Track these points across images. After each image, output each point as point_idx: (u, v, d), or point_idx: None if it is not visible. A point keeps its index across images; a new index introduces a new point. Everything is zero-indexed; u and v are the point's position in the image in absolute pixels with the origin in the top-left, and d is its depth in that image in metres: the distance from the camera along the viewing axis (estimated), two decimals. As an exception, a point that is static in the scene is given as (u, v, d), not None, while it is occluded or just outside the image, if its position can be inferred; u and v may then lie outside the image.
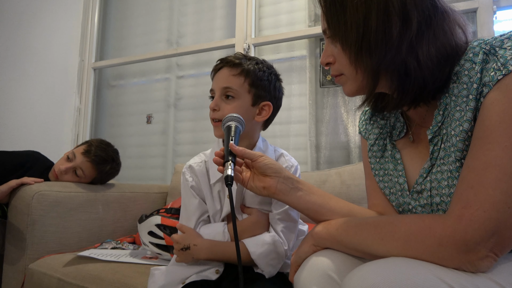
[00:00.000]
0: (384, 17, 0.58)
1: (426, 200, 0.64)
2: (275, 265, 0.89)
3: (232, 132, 0.78)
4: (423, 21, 0.58)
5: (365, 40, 0.60)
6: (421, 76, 0.59)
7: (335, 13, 0.63)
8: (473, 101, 0.55)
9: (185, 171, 1.01)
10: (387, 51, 0.59)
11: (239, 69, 0.93)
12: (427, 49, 0.58)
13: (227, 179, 0.69)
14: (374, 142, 0.79)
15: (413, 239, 0.52)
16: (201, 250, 0.89)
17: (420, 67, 0.58)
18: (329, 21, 0.65)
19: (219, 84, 0.94)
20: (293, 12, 1.98)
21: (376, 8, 0.58)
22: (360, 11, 0.59)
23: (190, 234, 0.92)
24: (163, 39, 2.37)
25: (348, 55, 0.63)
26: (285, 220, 0.91)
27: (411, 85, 0.61)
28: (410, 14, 0.58)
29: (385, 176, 0.76)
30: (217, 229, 0.93)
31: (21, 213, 1.29)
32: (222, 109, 0.92)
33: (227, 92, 0.93)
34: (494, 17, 1.51)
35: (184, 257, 0.91)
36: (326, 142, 1.82)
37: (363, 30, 0.60)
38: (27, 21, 2.16)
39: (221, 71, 0.95)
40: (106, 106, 2.55)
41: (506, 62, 0.52)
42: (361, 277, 0.49)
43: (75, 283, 1.11)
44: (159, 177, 2.27)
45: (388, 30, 0.58)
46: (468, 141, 0.55)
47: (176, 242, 0.92)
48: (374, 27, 0.59)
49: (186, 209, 0.98)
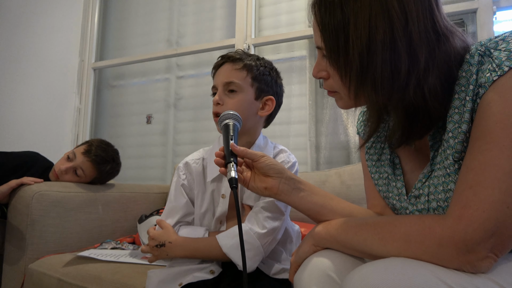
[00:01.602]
0: (390, 53, 0.54)
1: (423, 205, 0.64)
2: (251, 257, 0.84)
3: (230, 131, 0.76)
4: (429, 57, 0.55)
5: (370, 76, 0.56)
6: (428, 110, 0.58)
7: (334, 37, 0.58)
8: (470, 102, 0.55)
9: (180, 167, 1.00)
10: (394, 90, 0.56)
11: (241, 63, 0.93)
12: (433, 83, 0.56)
13: (232, 182, 0.66)
14: (371, 145, 0.79)
15: (412, 240, 0.52)
16: (175, 248, 0.88)
17: (427, 102, 0.57)
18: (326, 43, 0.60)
19: (222, 79, 0.93)
20: (293, 12, 1.98)
21: (382, 40, 0.54)
22: (363, 41, 0.55)
23: (167, 231, 0.91)
24: (163, 39, 2.37)
25: (347, 87, 0.60)
26: (269, 211, 0.87)
27: (418, 119, 0.60)
28: (417, 50, 0.54)
29: (379, 180, 0.76)
30: (198, 232, 0.92)
31: (21, 213, 1.29)
32: (225, 104, 0.91)
33: (230, 87, 0.92)
34: (494, 18, 1.51)
35: (158, 254, 0.89)
36: (326, 142, 1.83)
37: (367, 64, 0.56)
38: (27, 21, 2.16)
39: (223, 67, 0.95)
40: (106, 106, 2.55)
41: (501, 63, 0.52)
42: (361, 277, 0.49)
43: (74, 283, 1.11)
44: (159, 177, 2.27)
45: (396, 68, 0.55)
46: (467, 142, 0.55)
47: (152, 238, 0.90)
48: (380, 62, 0.55)
49: (171, 205, 0.97)
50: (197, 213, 0.97)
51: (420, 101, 0.57)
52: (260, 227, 0.86)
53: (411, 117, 0.61)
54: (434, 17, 0.56)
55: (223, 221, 0.96)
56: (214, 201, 0.96)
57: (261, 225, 0.86)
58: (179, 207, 0.96)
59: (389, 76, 0.55)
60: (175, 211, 0.96)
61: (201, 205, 0.96)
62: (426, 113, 0.59)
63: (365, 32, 0.55)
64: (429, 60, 0.55)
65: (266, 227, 0.85)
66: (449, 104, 0.59)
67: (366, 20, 0.55)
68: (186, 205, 0.96)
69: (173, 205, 0.97)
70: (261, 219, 0.87)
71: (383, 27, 0.54)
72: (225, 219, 0.96)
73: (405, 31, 0.54)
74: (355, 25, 0.56)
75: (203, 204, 0.95)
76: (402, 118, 0.62)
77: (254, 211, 0.89)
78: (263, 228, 0.85)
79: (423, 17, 0.55)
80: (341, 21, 0.57)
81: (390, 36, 0.54)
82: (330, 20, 0.58)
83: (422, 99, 0.57)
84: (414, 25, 0.54)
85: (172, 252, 0.88)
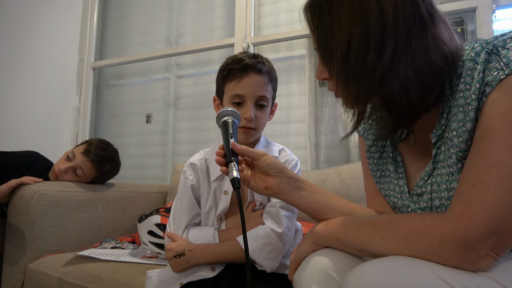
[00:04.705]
0: (363, 47, 0.57)
1: (426, 203, 0.64)
2: (274, 257, 0.86)
3: (230, 129, 0.75)
4: (400, 46, 0.56)
5: (345, 70, 0.59)
6: (405, 99, 0.58)
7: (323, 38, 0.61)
8: (476, 100, 0.54)
9: (186, 169, 1.00)
10: (362, 82, 0.58)
11: (268, 76, 0.93)
12: (404, 73, 0.56)
13: (234, 182, 0.66)
14: (372, 143, 0.78)
15: (413, 238, 0.52)
16: (197, 255, 0.88)
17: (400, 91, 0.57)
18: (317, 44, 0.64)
19: (254, 92, 0.91)
20: (292, 11, 1.98)
21: (357, 36, 0.57)
22: (344, 38, 0.58)
23: (182, 241, 0.92)
24: (162, 38, 2.37)
25: (335, 83, 0.63)
26: (286, 210, 0.90)
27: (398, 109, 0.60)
28: (386, 41, 0.56)
29: (381, 178, 0.76)
30: (207, 232, 0.93)
31: (21, 213, 1.29)
32: (257, 119, 0.92)
33: (260, 101, 0.92)
34: (493, 16, 1.51)
35: (179, 264, 0.89)
36: (326, 141, 1.83)
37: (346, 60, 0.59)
38: (27, 21, 2.16)
39: (253, 77, 0.91)
40: (105, 106, 2.55)
41: (509, 62, 0.51)
42: (361, 276, 0.49)
43: (74, 283, 1.11)
44: (159, 177, 2.27)
45: (364, 61, 0.57)
46: (471, 141, 0.55)
47: (169, 249, 0.90)
48: (354, 57, 0.58)
49: (180, 208, 0.97)
50: (202, 211, 0.97)
51: (392, 91, 0.58)
52: (280, 227, 0.88)
53: (389, 107, 0.61)
54: (413, 4, 0.57)
55: (222, 218, 0.96)
56: (216, 198, 0.96)
57: (281, 225, 0.88)
58: (187, 209, 0.96)
59: (359, 69, 0.58)
60: (184, 213, 0.96)
61: (205, 203, 0.96)
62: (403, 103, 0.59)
63: (346, 31, 0.58)
64: (400, 49, 0.56)
65: (284, 227, 0.88)
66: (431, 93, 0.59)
67: (347, 19, 0.58)
68: (193, 207, 0.97)
69: (182, 208, 0.97)
70: (280, 219, 0.88)
71: (359, 24, 0.57)
72: (224, 216, 0.96)
73: (378, 24, 0.56)
74: (339, 25, 0.59)
75: (207, 202, 0.96)
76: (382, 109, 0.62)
77: (272, 211, 0.90)
78: (282, 228, 0.87)
79: (401, 5, 0.56)
80: (329, 22, 0.60)
81: (365, 32, 0.57)
82: (320, 23, 0.62)
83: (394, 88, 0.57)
84: (389, 16, 0.55)
85: (194, 260, 0.88)
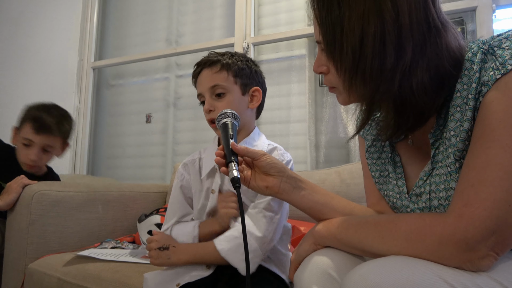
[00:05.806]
0: (380, 46, 0.56)
1: (425, 203, 0.64)
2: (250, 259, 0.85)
3: (229, 130, 0.76)
4: (418, 50, 0.56)
5: (360, 68, 0.58)
6: (417, 103, 0.59)
7: (331, 31, 0.60)
8: (473, 100, 0.55)
9: (179, 169, 1.03)
10: (381, 82, 0.58)
11: (219, 65, 0.94)
12: (421, 77, 0.57)
13: (235, 182, 0.66)
14: (371, 143, 0.79)
15: (413, 238, 0.52)
16: (179, 252, 0.88)
17: (414, 96, 0.58)
18: (323, 37, 0.62)
19: (205, 85, 0.94)
20: (292, 11, 1.98)
21: (373, 34, 0.56)
22: (357, 34, 0.57)
23: (167, 236, 0.93)
24: (162, 38, 2.37)
25: (342, 79, 0.62)
26: (268, 210, 0.87)
27: (407, 113, 0.61)
28: (405, 44, 0.56)
29: (380, 178, 0.76)
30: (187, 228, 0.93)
31: (21, 213, 1.28)
32: (217, 109, 0.92)
33: (216, 91, 0.94)
34: (493, 16, 1.51)
35: (160, 257, 0.89)
36: (326, 141, 1.83)
37: (359, 57, 0.58)
38: (27, 21, 2.16)
39: (202, 74, 0.96)
40: (105, 106, 2.55)
41: (505, 61, 0.52)
42: (361, 276, 0.49)
43: (75, 283, 1.11)
44: (159, 177, 2.27)
45: (383, 61, 0.56)
46: (469, 141, 0.55)
47: (155, 240, 0.91)
48: (370, 55, 0.57)
49: (169, 207, 1.00)
50: (195, 209, 0.99)
51: (407, 94, 0.58)
52: (259, 230, 0.85)
53: (399, 110, 0.61)
54: (427, 10, 0.57)
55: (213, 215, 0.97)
56: (208, 196, 0.97)
57: (259, 227, 0.86)
58: (176, 209, 0.99)
59: (377, 68, 0.57)
60: (173, 213, 0.99)
61: (198, 201, 0.98)
62: (414, 107, 0.60)
63: (358, 26, 0.57)
64: (417, 53, 0.56)
65: (263, 230, 0.86)
66: (440, 99, 0.59)
67: (359, 14, 0.57)
68: (183, 206, 0.99)
69: (171, 208, 1.00)
70: (259, 222, 0.86)
71: (374, 22, 0.56)
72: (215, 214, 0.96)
73: (395, 25, 0.55)
74: (350, 19, 0.58)
75: (200, 200, 0.97)
76: (391, 111, 0.62)
77: (252, 213, 0.89)
78: (261, 231, 0.85)
79: (415, 10, 0.56)
80: (338, 16, 0.59)
81: (381, 30, 0.56)
82: (328, 15, 0.61)
83: (409, 92, 0.58)
84: (405, 19, 0.55)
85: (176, 257, 0.89)
